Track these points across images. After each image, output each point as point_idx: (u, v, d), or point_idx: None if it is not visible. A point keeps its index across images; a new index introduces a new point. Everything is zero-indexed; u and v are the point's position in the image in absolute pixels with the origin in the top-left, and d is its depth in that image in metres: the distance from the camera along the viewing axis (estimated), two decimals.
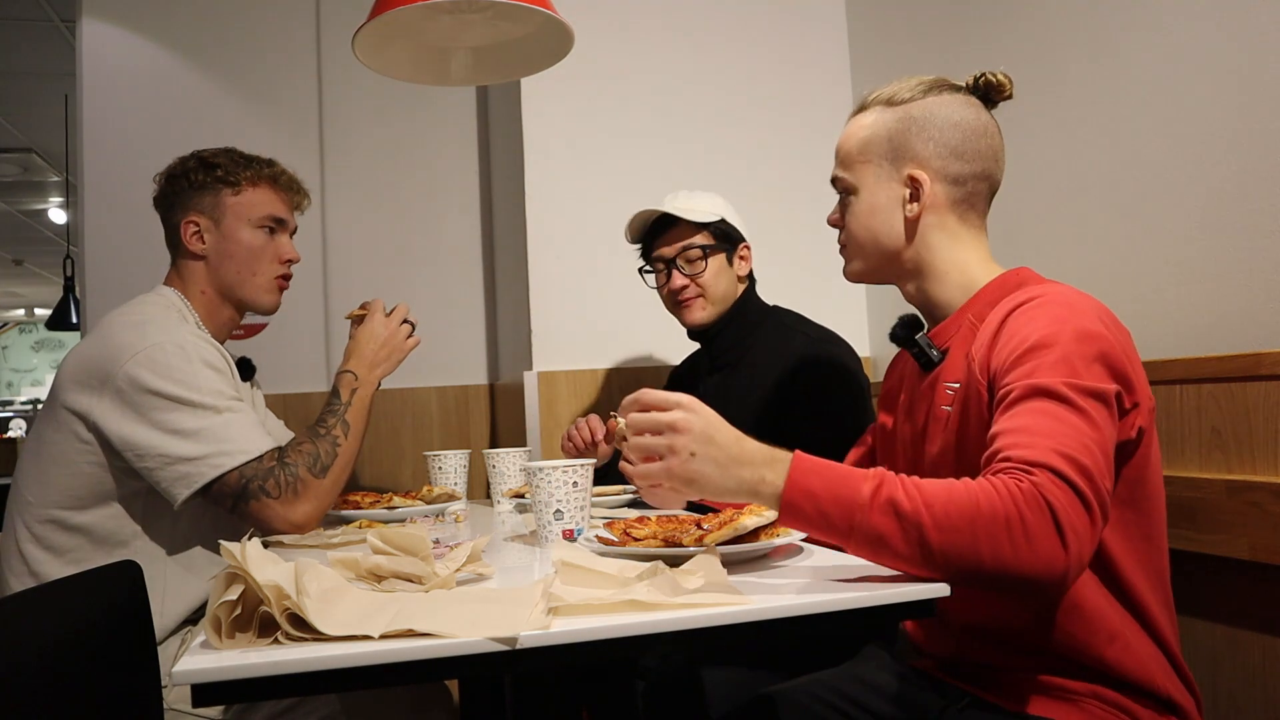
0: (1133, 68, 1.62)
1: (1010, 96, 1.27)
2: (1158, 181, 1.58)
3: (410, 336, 1.70)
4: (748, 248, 1.90)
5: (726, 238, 1.87)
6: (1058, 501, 0.89)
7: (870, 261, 1.30)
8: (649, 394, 1.03)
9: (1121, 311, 1.63)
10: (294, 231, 1.74)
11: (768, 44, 2.52)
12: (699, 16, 2.48)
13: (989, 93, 1.27)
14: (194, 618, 1.56)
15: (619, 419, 1.55)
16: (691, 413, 1.00)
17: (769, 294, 1.96)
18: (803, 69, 2.53)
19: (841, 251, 1.34)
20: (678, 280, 1.85)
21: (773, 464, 0.98)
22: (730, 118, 2.48)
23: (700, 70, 2.47)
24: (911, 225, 1.25)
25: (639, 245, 1.95)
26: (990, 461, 0.97)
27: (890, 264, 1.28)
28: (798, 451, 0.99)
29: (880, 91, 1.29)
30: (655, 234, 1.90)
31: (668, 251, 1.87)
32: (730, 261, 1.87)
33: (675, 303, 1.88)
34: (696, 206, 1.86)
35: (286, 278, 1.72)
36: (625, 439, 1.06)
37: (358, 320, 1.73)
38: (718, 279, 1.86)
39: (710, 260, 1.85)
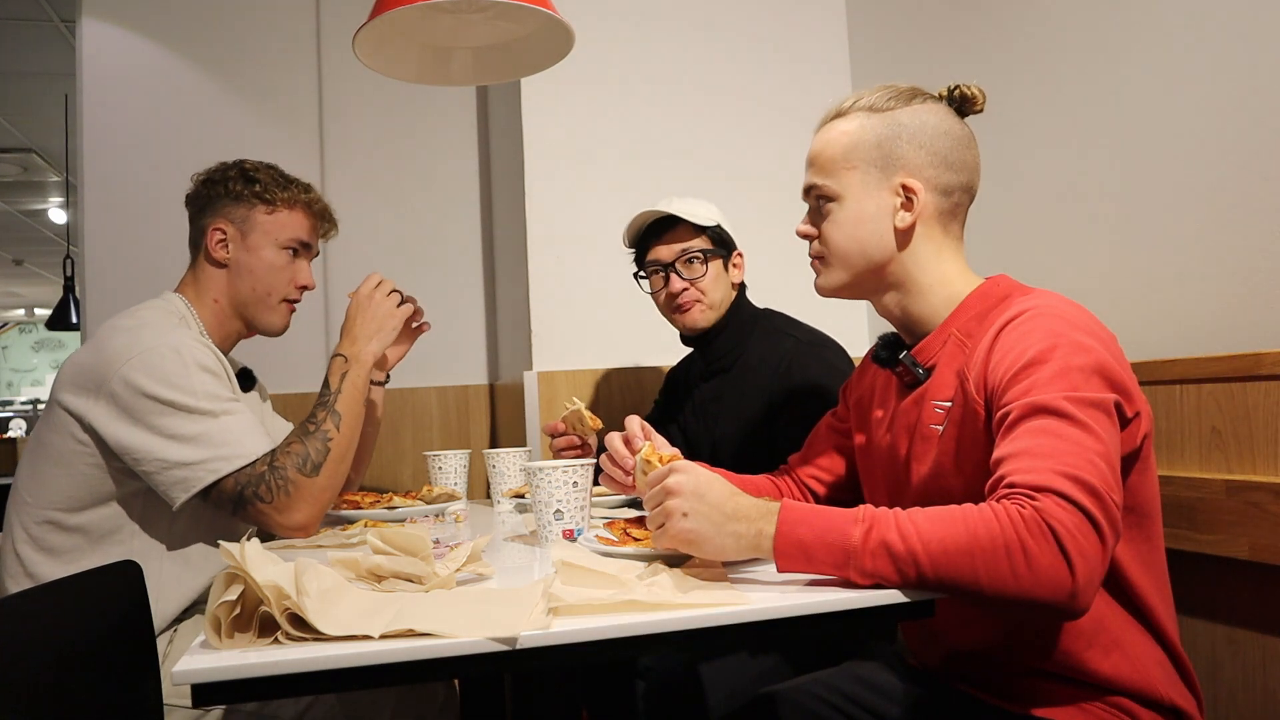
0: (1133, 67, 1.62)
1: (981, 110, 1.24)
2: (1158, 181, 1.58)
3: (401, 305, 1.68)
4: (740, 255, 1.90)
5: (724, 243, 1.85)
6: (1062, 525, 0.89)
7: (853, 273, 1.22)
8: (656, 471, 1.04)
9: (1121, 312, 1.64)
10: (314, 257, 1.75)
11: (768, 45, 2.52)
12: (699, 17, 2.47)
13: (963, 105, 1.23)
14: (187, 613, 1.55)
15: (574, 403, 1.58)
16: (682, 474, 1.01)
17: (772, 295, 1.96)
18: (803, 70, 2.53)
19: (816, 263, 1.26)
20: (676, 284, 1.82)
21: (767, 517, 0.97)
22: (730, 119, 2.47)
23: (700, 71, 2.47)
24: (902, 236, 1.20)
25: (633, 249, 1.92)
26: (995, 488, 0.96)
27: (874, 276, 1.22)
28: (785, 501, 0.98)
29: (859, 99, 1.23)
30: (651, 237, 1.86)
31: (665, 254, 1.83)
32: (726, 268, 1.86)
33: (673, 307, 1.84)
34: (696, 210, 1.85)
35: (296, 301, 1.71)
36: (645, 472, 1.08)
37: None
38: (716, 284, 1.84)
39: (710, 265, 1.83)
